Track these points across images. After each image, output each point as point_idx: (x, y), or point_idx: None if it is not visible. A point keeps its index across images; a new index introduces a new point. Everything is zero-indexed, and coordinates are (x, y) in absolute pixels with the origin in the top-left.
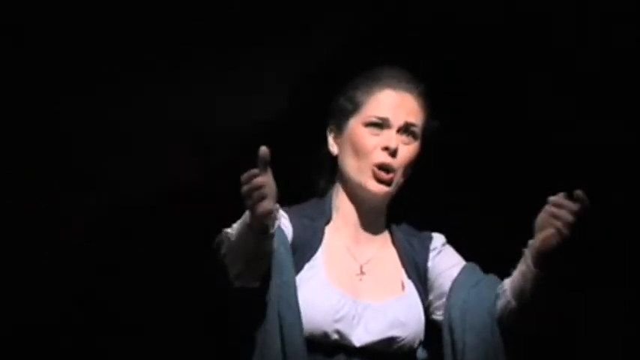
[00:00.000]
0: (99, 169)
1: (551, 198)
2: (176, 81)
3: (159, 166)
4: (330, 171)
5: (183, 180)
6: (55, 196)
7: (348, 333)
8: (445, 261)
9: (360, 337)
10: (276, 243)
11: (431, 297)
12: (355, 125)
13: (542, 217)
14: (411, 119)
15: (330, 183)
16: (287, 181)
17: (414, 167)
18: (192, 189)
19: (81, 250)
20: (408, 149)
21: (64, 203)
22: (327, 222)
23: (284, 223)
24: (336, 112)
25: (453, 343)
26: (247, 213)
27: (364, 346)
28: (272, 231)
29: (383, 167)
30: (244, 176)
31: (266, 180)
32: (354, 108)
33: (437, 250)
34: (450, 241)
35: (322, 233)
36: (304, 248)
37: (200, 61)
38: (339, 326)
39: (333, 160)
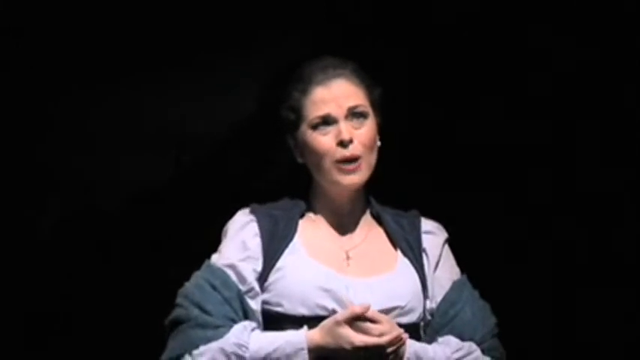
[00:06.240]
0: (68, 169)
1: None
2: (150, 82)
3: (129, 167)
4: (300, 172)
5: (154, 181)
6: (20, 197)
7: (345, 300)
8: (439, 268)
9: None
10: None
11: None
12: (304, 132)
13: None
14: (352, 102)
15: (304, 186)
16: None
17: (380, 140)
18: (162, 191)
19: (46, 252)
20: (363, 133)
21: (30, 204)
22: (302, 214)
23: (252, 225)
24: (284, 123)
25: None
26: (305, 341)
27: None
28: None
29: (345, 161)
30: (389, 339)
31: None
32: (297, 116)
33: (430, 235)
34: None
35: (296, 223)
36: (279, 237)
37: (172, 64)
38: (333, 295)
39: (301, 164)
